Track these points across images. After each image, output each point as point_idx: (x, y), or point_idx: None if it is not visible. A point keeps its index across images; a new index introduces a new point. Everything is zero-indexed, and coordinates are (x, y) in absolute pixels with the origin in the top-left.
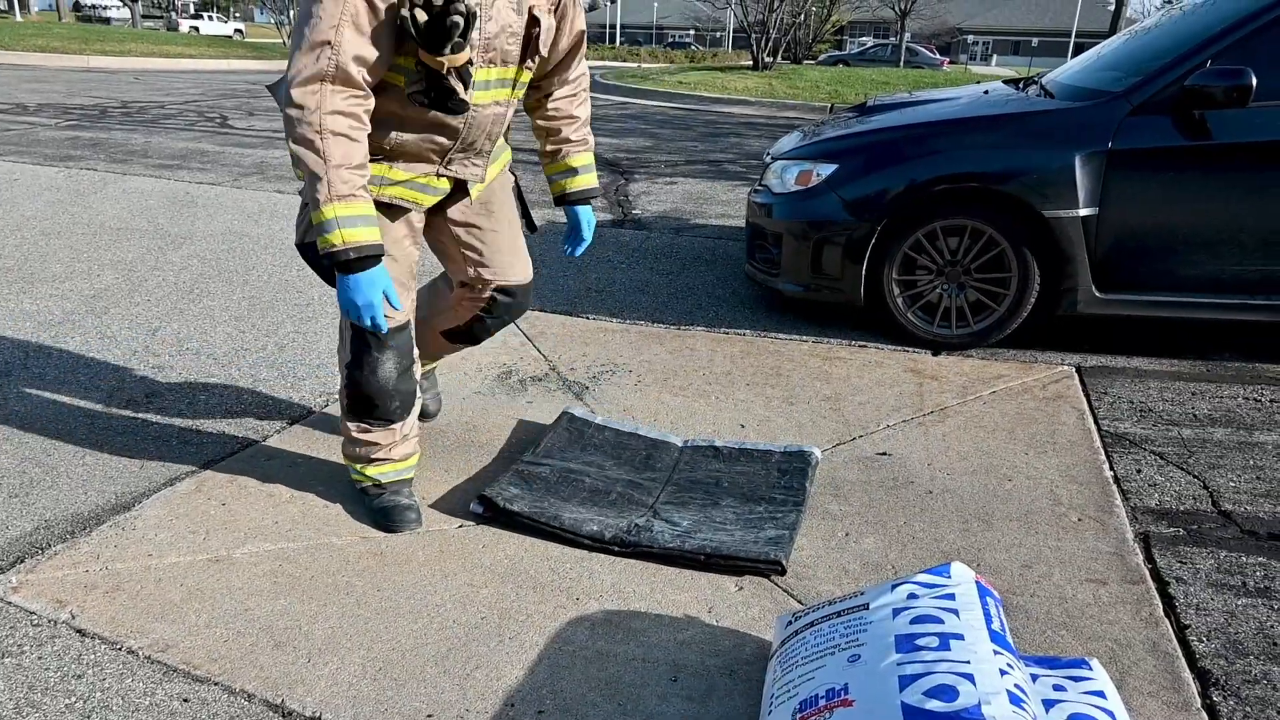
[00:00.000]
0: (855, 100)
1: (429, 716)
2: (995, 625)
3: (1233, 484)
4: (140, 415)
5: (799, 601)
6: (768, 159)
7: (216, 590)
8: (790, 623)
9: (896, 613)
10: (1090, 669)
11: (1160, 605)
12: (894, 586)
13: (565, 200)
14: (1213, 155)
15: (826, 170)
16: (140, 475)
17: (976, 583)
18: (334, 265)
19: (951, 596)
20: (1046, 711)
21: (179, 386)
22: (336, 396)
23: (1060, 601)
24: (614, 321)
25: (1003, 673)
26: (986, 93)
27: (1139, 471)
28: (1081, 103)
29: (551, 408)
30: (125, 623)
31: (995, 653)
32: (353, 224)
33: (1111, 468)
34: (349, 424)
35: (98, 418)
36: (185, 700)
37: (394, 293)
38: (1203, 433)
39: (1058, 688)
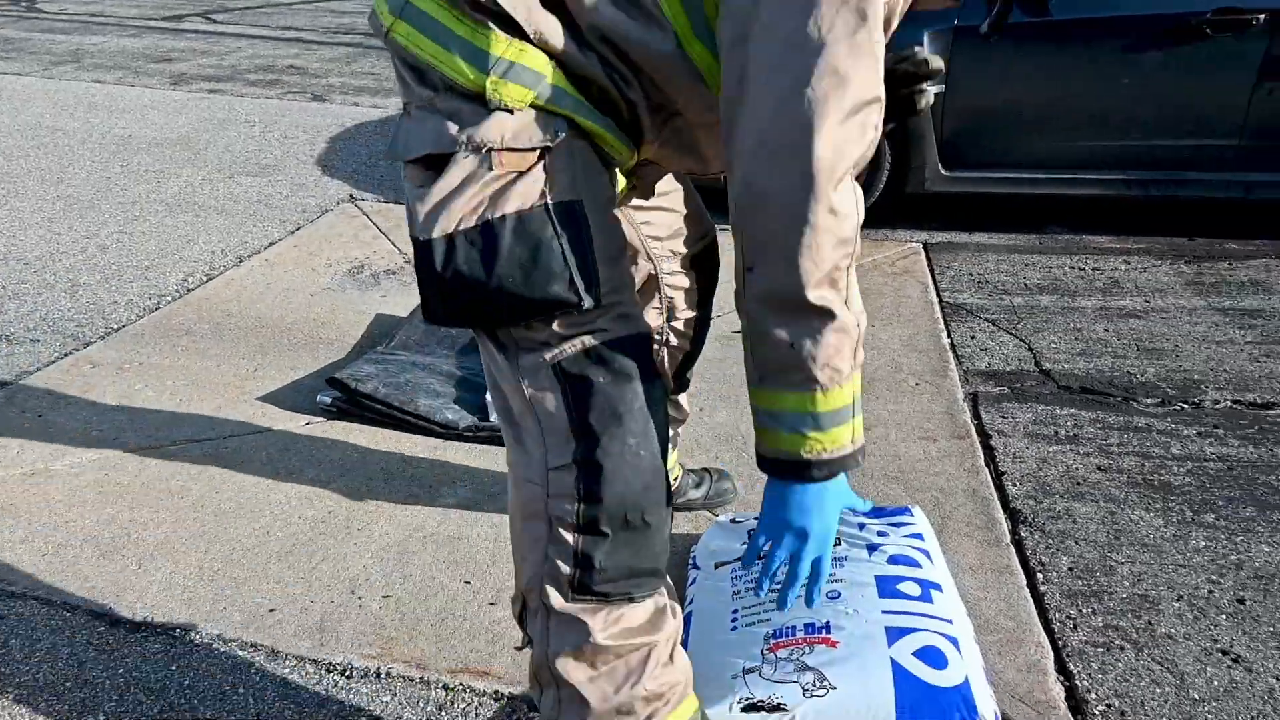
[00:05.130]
0: None
1: (271, 610)
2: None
3: (1054, 345)
4: None
5: None
6: None
7: (33, 504)
8: (744, 541)
9: (871, 549)
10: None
11: (982, 456)
12: (861, 526)
13: None
14: (1049, 31)
15: None
16: None
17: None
18: (804, 472)
19: (920, 536)
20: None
21: None
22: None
23: (895, 459)
24: None
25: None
26: None
27: (973, 338)
28: None
29: (407, 302)
30: None
31: (965, 613)
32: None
33: (949, 335)
34: (564, 606)
35: None
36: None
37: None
38: (1031, 300)
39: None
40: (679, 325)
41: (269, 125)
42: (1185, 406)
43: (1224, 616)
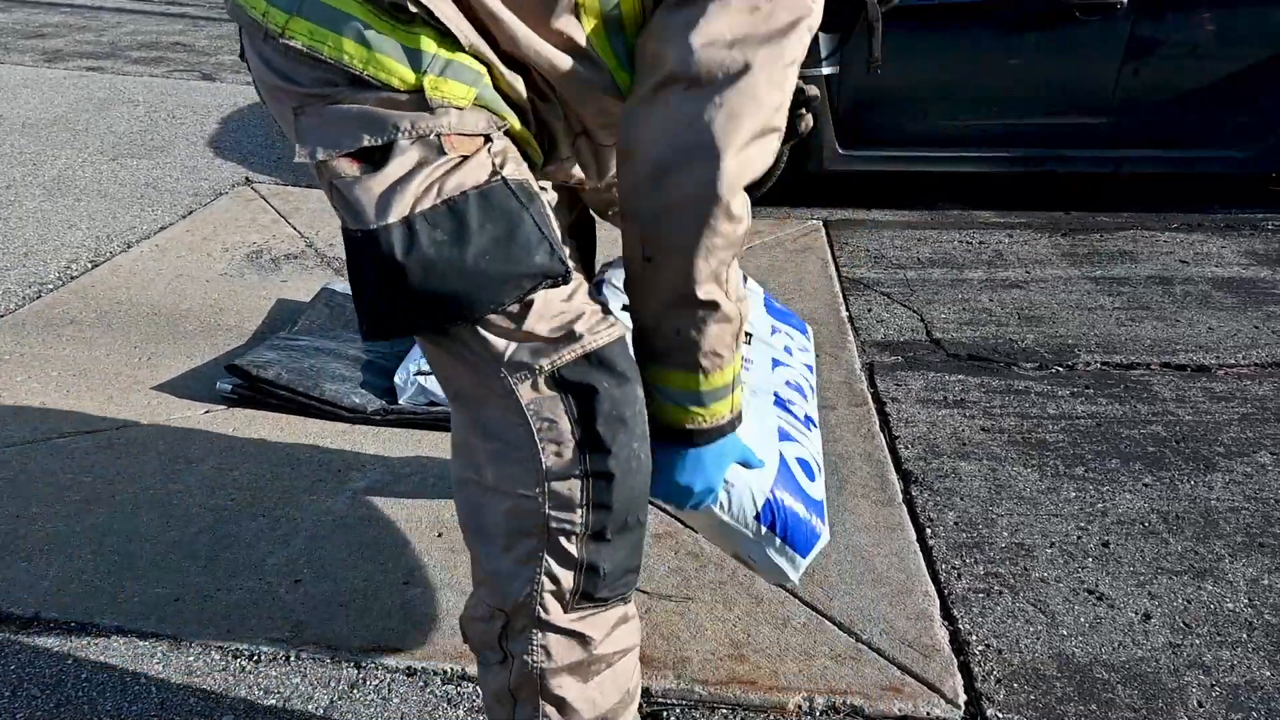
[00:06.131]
0: None
1: (175, 600)
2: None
3: (943, 315)
4: None
5: None
6: None
7: None
8: None
9: (775, 365)
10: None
11: (877, 422)
12: (773, 330)
13: None
14: (935, 13)
15: None
16: None
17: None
18: (687, 439)
19: (811, 368)
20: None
21: None
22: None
23: None
24: None
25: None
26: None
27: (869, 310)
28: None
29: (309, 286)
30: None
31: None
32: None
33: (847, 309)
34: (566, 620)
35: None
36: None
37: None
38: (923, 273)
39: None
40: None
41: (155, 105)
42: (1060, 369)
43: (1091, 560)
